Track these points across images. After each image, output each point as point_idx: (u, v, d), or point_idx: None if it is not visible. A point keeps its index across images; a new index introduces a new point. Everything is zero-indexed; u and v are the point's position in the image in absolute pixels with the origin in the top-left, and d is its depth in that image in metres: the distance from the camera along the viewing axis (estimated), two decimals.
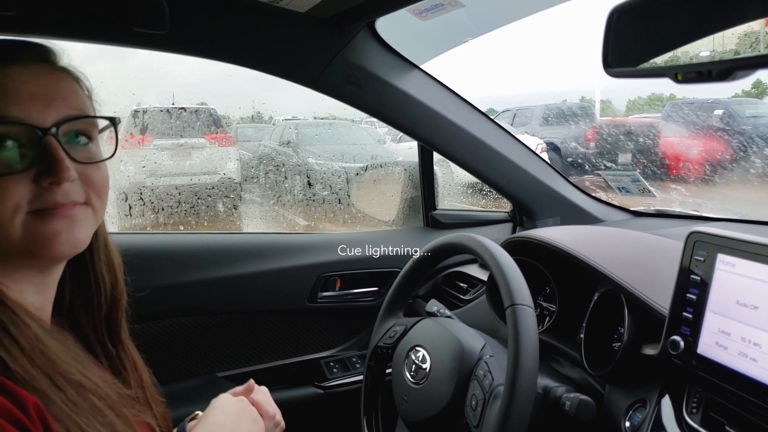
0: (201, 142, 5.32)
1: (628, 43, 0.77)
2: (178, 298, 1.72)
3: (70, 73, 0.79)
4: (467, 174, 1.87)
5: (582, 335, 1.28)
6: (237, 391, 1.03)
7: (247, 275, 1.78)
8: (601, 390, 1.20)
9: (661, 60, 0.74)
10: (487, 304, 1.54)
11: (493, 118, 1.88)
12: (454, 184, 3.22)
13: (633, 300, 1.14)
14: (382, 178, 2.47)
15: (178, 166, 4.92)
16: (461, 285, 1.91)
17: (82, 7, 1.30)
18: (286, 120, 7.42)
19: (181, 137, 4.94)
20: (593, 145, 7.74)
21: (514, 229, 2.04)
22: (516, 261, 1.09)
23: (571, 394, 1.11)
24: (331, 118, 6.73)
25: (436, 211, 2.10)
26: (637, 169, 6.21)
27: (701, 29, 0.69)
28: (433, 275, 2.01)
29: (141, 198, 3.72)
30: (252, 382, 1.05)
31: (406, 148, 4.59)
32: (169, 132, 4.77)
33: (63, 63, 0.79)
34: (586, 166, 6.95)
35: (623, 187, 2.46)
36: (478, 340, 1.19)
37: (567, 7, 1.61)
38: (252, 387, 1.04)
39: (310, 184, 5.09)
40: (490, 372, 1.08)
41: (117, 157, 0.83)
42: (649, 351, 1.09)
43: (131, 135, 4.50)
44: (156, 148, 4.78)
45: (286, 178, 5.71)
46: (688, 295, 1.01)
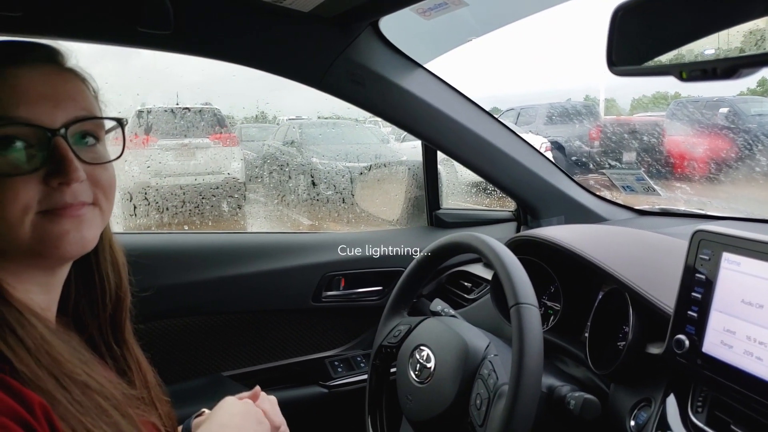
0: (205, 142, 5.33)
1: (633, 42, 0.77)
2: (182, 297, 1.72)
3: (77, 74, 0.79)
4: (471, 173, 1.87)
5: (586, 334, 1.28)
6: (243, 395, 1.03)
7: (252, 275, 1.79)
8: (605, 389, 1.20)
9: (665, 58, 0.74)
10: (491, 303, 1.53)
11: (497, 117, 1.88)
12: (458, 184, 3.22)
13: (638, 299, 1.14)
14: (386, 178, 2.46)
15: (182, 166, 4.93)
16: (465, 284, 1.91)
17: (86, 7, 1.30)
18: (290, 120, 7.43)
19: (185, 137, 4.95)
20: (597, 143, 7.73)
21: (518, 228, 2.04)
22: (520, 260, 1.08)
23: (576, 393, 1.11)
24: (335, 118, 6.73)
25: (440, 211, 2.10)
26: (641, 167, 6.19)
27: (706, 27, 0.69)
28: (437, 274, 2.01)
29: (146, 198, 3.73)
30: (258, 388, 1.05)
31: (410, 148, 4.58)
32: (174, 132, 4.78)
33: (70, 64, 0.79)
34: (591, 165, 6.93)
35: (628, 186, 2.46)
36: (482, 340, 1.19)
37: (571, 5, 1.60)
38: (258, 393, 1.04)
39: (314, 184, 5.09)
40: (495, 371, 1.08)
41: (122, 158, 0.84)
42: (654, 350, 1.09)
43: (135, 135, 4.51)
44: (160, 148, 4.78)
45: (290, 177, 5.71)
46: (693, 293, 1.01)
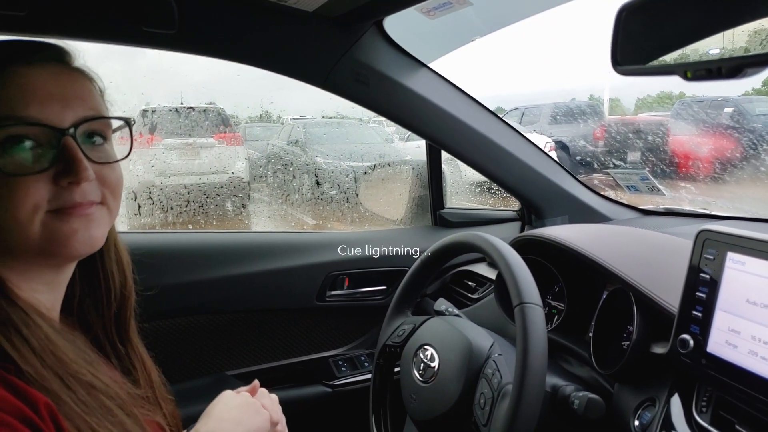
0: (209, 142, 5.33)
1: (637, 41, 0.77)
2: (187, 296, 1.72)
3: (85, 74, 0.79)
4: (475, 173, 1.87)
5: (591, 334, 1.28)
6: (241, 390, 1.03)
7: (256, 274, 1.79)
8: (610, 389, 1.19)
9: (670, 57, 0.74)
10: (495, 302, 1.54)
11: (501, 116, 1.88)
12: (462, 183, 3.22)
13: (642, 298, 1.14)
14: (390, 177, 2.47)
15: (186, 165, 4.94)
16: (469, 284, 1.91)
17: (91, 7, 1.30)
18: (295, 119, 7.44)
19: (189, 137, 4.95)
20: (602, 143, 7.71)
21: (522, 228, 2.04)
22: (525, 260, 1.09)
23: (580, 393, 1.10)
24: (339, 117, 6.73)
25: (444, 210, 2.10)
26: (646, 167, 6.18)
27: (711, 26, 0.69)
28: (441, 274, 2.01)
29: (150, 197, 3.73)
30: (257, 383, 1.05)
31: (414, 147, 4.58)
32: (178, 131, 4.78)
33: (78, 63, 0.80)
34: (595, 165, 6.92)
35: (632, 186, 2.45)
36: (486, 339, 1.19)
37: (575, 5, 1.60)
38: (256, 387, 1.04)
39: (318, 183, 5.10)
40: (499, 370, 1.08)
41: (127, 157, 0.84)
42: (659, 350, 1.09)
43: (140, 134, 4.52)
44: (165, 147, 4.79)
45: (294, 177, 5.72)
46: (698, 293, 1.00)
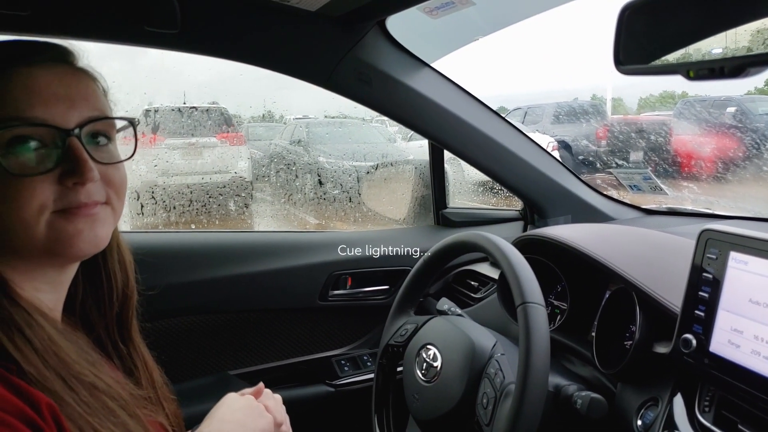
0: (212, 141, 5.34)
1: (640, 40, 0.76)
2: (189, 296, 1.73)
3: (89, 74, 0.79)
4: (478, 172, 1.87)
5: (593, 333, 1.28)
6: (245, 392, 1.03)
7: (259, 274, 1.79)
8: (612, 388, 1.19)
9: (672, 57, 0.74)
10: (498, 302, 1.53)
11: (504, 116, 1.88)
12: (464, 183, 3.22)
13: (645, 298, 1.14)
14: (392, 177, 2.47)
15: (189, 165, 4.95)
16: (472, 283, 1.91)
17: (94, 7, 1.31)
18: (297, 119, 7.45)
19: (192, 136, 4.96)
20: (605, 143, 7.70)
21: (525, 228, 2.04)
22: (527, 259, 1.08)
23: (583, 393, 1.10)
24: (341, 117, 6.74)
25: (447, 210, 2.10)
26: (648, 167, 6.18)
27: (713, 26, 0.69)
28: (444, 274, 2.01)
29: (153, 197, 3.74)
30: (262, 385, 1.05)
31: (417, 147, 4.58)
32: (181, 131, 4.79)
33: (82, 64, 0.80)
34: (598, 164, 6.92)
35: (635, 185, 2.45)
36: (489, 339, 1.19)
37: (577, 4, 1.60)
38: (261, 389, 1.04)
39: (320, 183, 5.10)
40: (501, 370, 1.08)
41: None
42: (661, 349, 1.09)
43: (143, 134, 4.53)
44: (167, 147, 4.79)
45: (297, 176, 5.72)
46: (701, 293, 1.00)
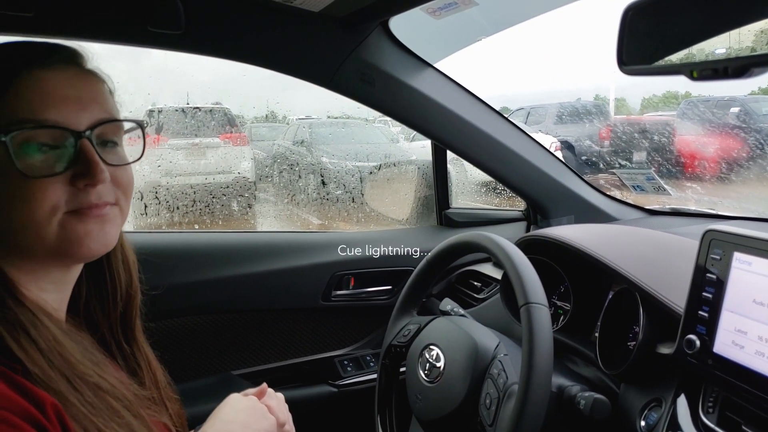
0: (215, 142, 5.34)
1: (643, 41, 0.76)
2: (193, 296, 1.73)
3: (97, 76, 0.80)
4: (481, 172, 1.87)
5: (597, 334, 1.28)
6: (248, 392, 1.03)
7: (262, 274, 1.79)
8: (615, 389, 1.19)
9: (676, 57, 0.74)
10: (501, 302, 1.53)
11: (507, 116, 1.88)
12: (467, 183, 3.22)
13: (648, 298, 1.14)
14: (395, 177, 2.47)
15: (192, 165, 4.95)
16: (475, 284, 1.91)
17: (98, 8, 1.31)
18: (300, 119, 7.45)
19: (195, 137, 4.97)
20: (608, 143, 7.69)
21: (528, 228, 2.03)
22: (530, 260, 1.08)
23: (586, 393, 1.10)
24: (344, 118, 6.74)
25: (450, 210, 2.10)
26: (652, 167, 6.16)
27: (717, 26, 0.69)
28: (446, 274, 2.01)
29: (156, 197, 3.75)
30: (265, 385, 1.05)
31: (420, 147, 4.58)
32: (184, 131, 4.80)
33: (90, 65, 0.80)
34: (601, 165, 6.90)
35: (638, 186, 2.45)
36: (492, 339, 1.19)
37: (581, 5, 1.60)
38: (264, 390, 1.04)
39: (323, 183, 5.11)
40: (504, 371, 1.08)
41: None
42: (665, 350, 1.09)
43: (147, 134, 4.53)
44: (171, 147, 4.80)
45: (300, 177, 5.73)
46: (704, 293, 1.00)
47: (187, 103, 4.83)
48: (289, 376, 1.91)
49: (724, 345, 0.95)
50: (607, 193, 2.00)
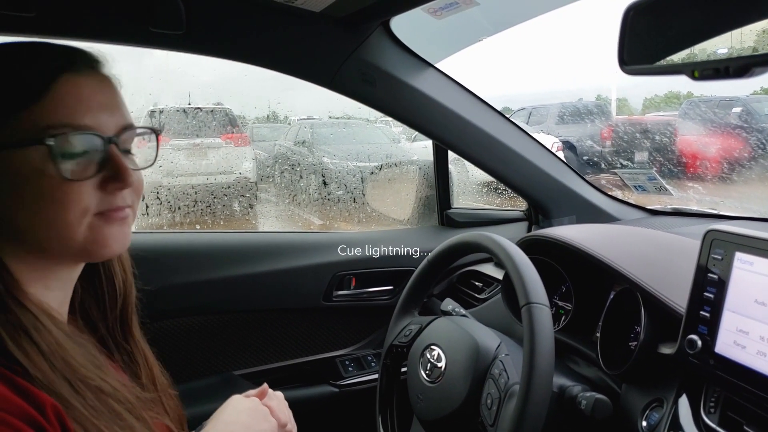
0: (217, 142, 5.35)
1: (644, 41, 0.76)
2: (194, 296, 1.73)
3: (115, 82, 0.82)
4: (482, 173, 1.87)
5: (598, 334, 1.27)
6: (250, 393, 1.03)
7: (263, 274, 1.79)
8: (617, 389, 1.19)
9: (677, 57, 0.74)
10: (502, 303, 1.53)
11: (508, 116, 1.88)
12: (469, 183, 3.22)
13: (649, 299, 1.14)
14: (396, 177, 2.47)
15: (194, 165, 4.96)
16: (476, 284, 1.91)
17: (99, 8, 1.31)
18: (302, 120, 7.44)
19: (197, 137, 4.98)
20: (609, 143, 7.69)
21: (529, 228, 2.03)
22: (532, 260, 1.08)
23: (587, 393, 1.10)
24: (345, 118, 6.74)
25: (451, 210, 2.10)
26: (653, 167, 6.15)
27: (718, 26, 0.69)
28: (448, 274, 2.01)
29: (158, 197, 3.75)
30: (266, 386, 1.05)
31: (421, 147, 4.58)
32: (186, 132, 4.81)
33: (109, 71, 0.82)
34: (602, 165, 6.90)
35: (639, 186, 2.44)
36: (493, 339, 1.19)
37: (582, 4, 1.60)
38: (265, 391, 1.05)
39: (325, 184, 5.11)
40: (506, 371, 1.08)
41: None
42: (666, 350, 1.08)
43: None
44: (172, 147, 4.81)
45: (301, 177, 5.74)
46: (706, 293, 1.00)
47: (189, 104, 4.84)
48: (290, 376, 1.91)
49: (726, 345, 0.95)
50: (609, 193, 2.00)
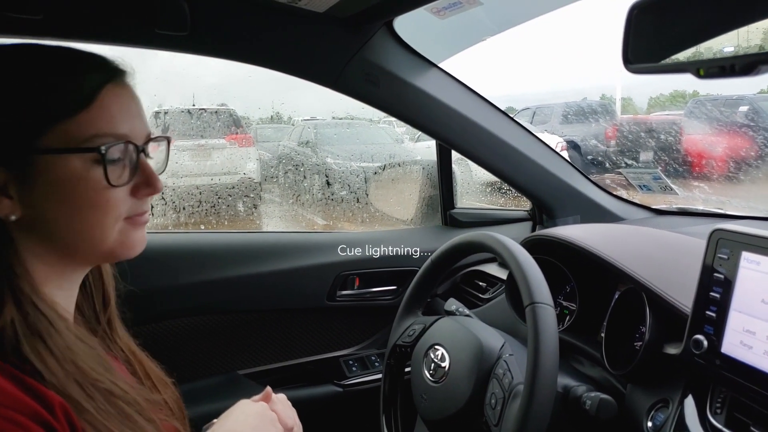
0: (221, 143, 5.36)
1: (649, 39, 0.76)
2: (198, 296, 1.73)
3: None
4: (486, 172, 1.87)
5: (603, 334, 1.27)
6: (255, 399, 1.03)
7: (267, 274, 1.80)
8: (622, 389, 1.19)
9: (682, 55, 0.73)
10: (506, 302, 1.53)
11: (512, 116, 1.87)
12: (472, 183, 3.22)
13: (655, 298, 1.13)
14: (400, 177, 2.47)
15: (198, 166, 4.97)
16: (480, 284, 1.90)
17: (105, 10, 1.32)
18: (305, 120, 7.46)
19: (201, 138, 4.99)
20: (614, 142, 7.67)
21: (533, 228, 2.03)
22: (536, 260, 1.08)
23: (592, 394, 1.10)
24: (349, 118, 6.75)
25: (455, 210, 2.10)
26: (658, 166, 6.14)
27: (723, 24, 0.68)
28: (451, 274, 2.01)
29: (162, 198, 3.75)
30: (269, 389, 1.05)
31: (425, 147, 4.58)
32: (190, 133, 4.82)
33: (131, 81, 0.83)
34: (607, 164, 6.88)
35: (644, 185, 2.44)
36: (497, 339, 1.18)
37: (586, 3, 1.59)
38: (269, 394, 1.04)
39: (328, 184, 5.11)
40: (510, 371, 1.08)
41: None
42: (672, 350, 1.08)
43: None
44: (177, 148, 4.82)
45: (305, 177, 5.75)
46: (712, 293, 0.99)
47: (193, 105, 4.84)
48: (294, 375, 1.91)
49: (732, 345, 0.95)
50: (614, 192, 1.99)
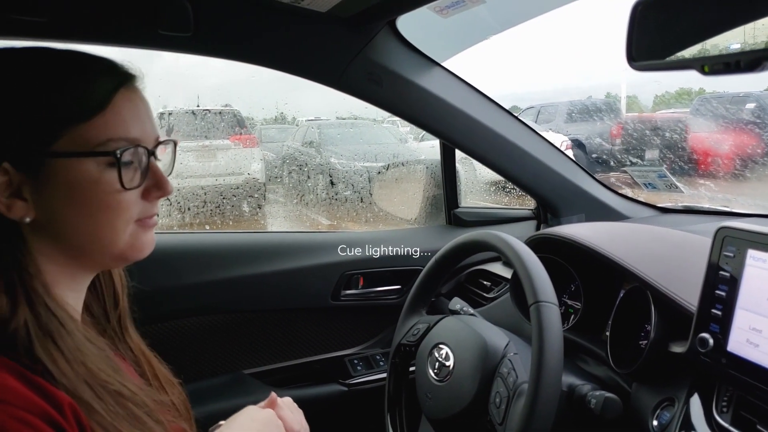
0: (225, 144, 5.38)
1: (653, 36, 0.76)
2: (204, 296, 1.74)
3: None
4: (490, 172, 1.86)
5: (608, 333, 1.27)
6: (261, 405, 1.04)
7: (272, 274, 1.80)
8: (627, 388, 1.18)
9: (686, 52, 0.73)
10: (510, 301, 1.53)
11: (516, 115, 1.87)
12: (476, 182, 3.21)
13: (660, 297, 1.13)
14: (404, 177, 2.46)
15: (203, 167, 4.99)
16: (485, 283, 1.90)
17: (108, 12, 1.32)
18: (309, 121, 7.48)
19: (206, 138, 5.01)
20: (619, 141, 7.66)
21: (538, 227, 2.02)
22: (540, 258, 1.08)
23: (597, 392, 1.10)
24: (352, 118, 6.76)
25: (459, 209, 2.10)
26: (664, 164, 6.11)
27: (727, 20, 0.68)
28: (456, 273, 2.00)
29: (167, 198, 3.76)
30: (274, 395, 1.05)
31: (429, 147, 4.58)
32: (195, 133, 4.84)
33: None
34: (612, 163, 6.87)
35: (650, 183, 2.43)
36: (501, 338, 1.18)
37: (590, 2, 1.59)
38: (274, 399, 1.04)
39: (332, 184, 5.13)
40: (514, 370, 1.08)
41: None
42: (677, 349, 1.08)
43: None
44: (182, 149, 4.83)
45: (309, 177, 5.76)
46: (717, 291, 0.99)
47: (197, 105, 4.86)
48: (299, 375, 1.91)
49: (738, 343, 0.94)
50: (619, 191, 1.99)
